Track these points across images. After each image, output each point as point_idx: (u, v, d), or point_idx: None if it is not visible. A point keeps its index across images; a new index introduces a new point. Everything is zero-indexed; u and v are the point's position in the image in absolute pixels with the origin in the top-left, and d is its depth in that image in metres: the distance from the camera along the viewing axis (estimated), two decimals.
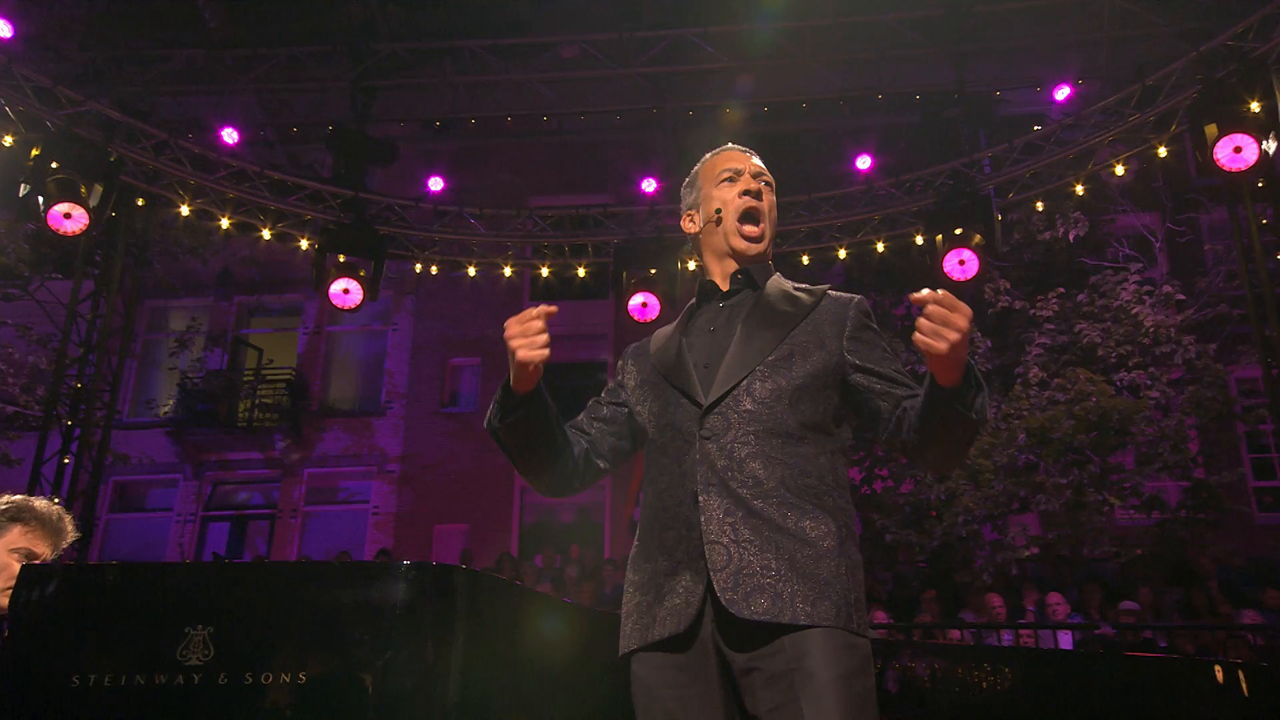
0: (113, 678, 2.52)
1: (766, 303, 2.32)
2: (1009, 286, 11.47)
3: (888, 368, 2.23)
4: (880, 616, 10.57)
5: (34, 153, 8.73)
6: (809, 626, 1.96)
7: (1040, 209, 10.26)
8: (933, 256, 9.21)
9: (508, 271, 10.25)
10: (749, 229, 2.38)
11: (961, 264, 9.10)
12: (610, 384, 2.51)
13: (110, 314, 9.69)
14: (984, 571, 10.54)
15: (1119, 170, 9.45)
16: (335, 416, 17.25)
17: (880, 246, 9.93)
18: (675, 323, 2.48)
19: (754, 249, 2.38)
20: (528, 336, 2.09)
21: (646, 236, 9.64)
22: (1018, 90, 10.33)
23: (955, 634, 10.10)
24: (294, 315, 17.88)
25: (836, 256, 10.04)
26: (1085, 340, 11.30)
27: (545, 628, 3.25)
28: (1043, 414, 10.23)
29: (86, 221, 8.54)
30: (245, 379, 17.19)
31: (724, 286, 2.40)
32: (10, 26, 9.09)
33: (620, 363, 2.52)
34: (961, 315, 1.89)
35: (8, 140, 9.00)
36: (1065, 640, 9.25)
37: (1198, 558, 10.88)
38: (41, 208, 8.55)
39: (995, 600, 9.92)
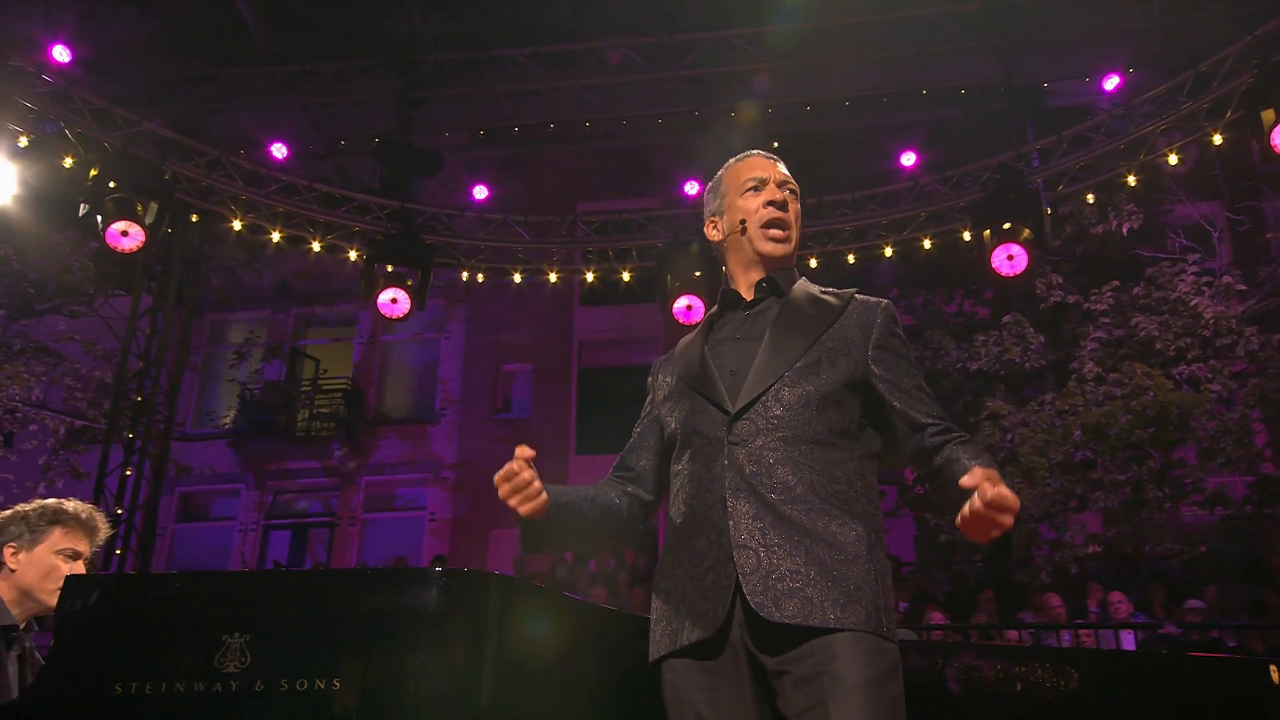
0: (153, 686, 2.56)
1: (794, 309, 2.31)
2: (1061, 281, 11.28)
3: (908, 382, 2.23)
4: (937, 617, 10.44)
5: (92, 173, 8.96)
6: (838, 630, 1.96)
7: (1091, 201, 10.06)
8: (980, 252, 9.08)
9: (553, 278, 10.31)
10: (775, 233, 2.37)
11: (1010, 259, 8.95)
12: (646, 402, 2.52)
13: (167, 328, 9.92)
14: (1041, 571, 10.36)
15: (1172, 160, 9.24)
16: (391, 424, 17.49)
17: (927, 243, 9.81)
18: (696, 331, 2.47)
19: (780, 251, 2.37)
20: (520, 491, 2.15)
21: (690, 239, 9.63)
22: (1065, 81, 10.14)
23: (1013, 634, 9.95)
24: (349, 325, 18.16)
25: (883, 255, 9.93)
26: (1142, 334, 11.06)
27: (579, 633, 3.26)
28: (1099, 409, 10.04)
29: (143, 239, 8.76)
30: (303, 389, 17.49)
31: (748, 295, 2.40)
32: (69, 52, 9.38)
33: (650, 377, 2.52)
34: (1009, 515, 1.88)
35: (68, 162, 9.25)
36: (1128, 640, 9.06)
37: (1267, 555, 10.60)
38: (100, 226, 8.78)
39: (1054, 600, 9.75)
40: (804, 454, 2.12)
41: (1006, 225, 9.08)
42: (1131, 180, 9.39)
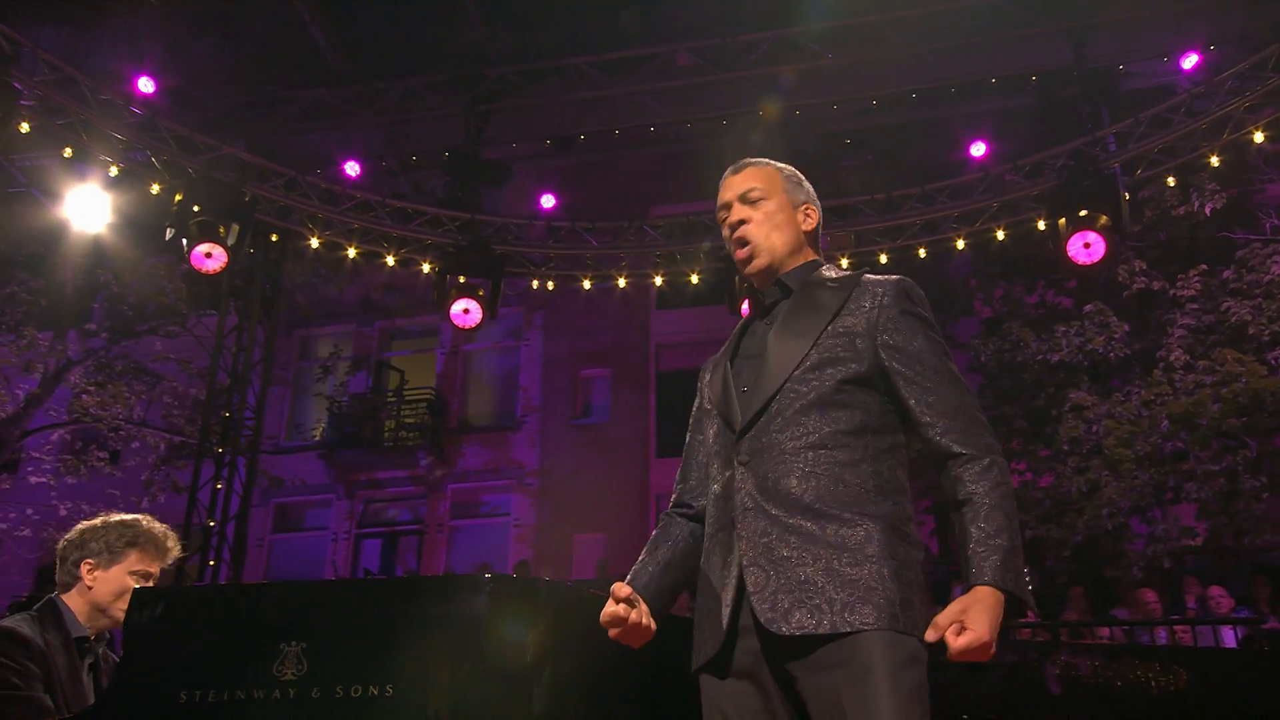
0: (216, 693, 2.66)
1: (794, 312, 2.27)
2: (1145, 267, 10.91)
3: (921, 367, 2.14)
4: (1029, 614, 10.19)
5: (177, 198, 9.29)
6: (850, 633, 1.95)
7: (1172, 184, 9.71)
8: (1056, 241, 8.85)
9: (621, 283, 10.37)
10: (739, 253, 2.38)
11: (1087, 247, 8.71)
12: (694, 407, 2.51)
13: (251, 345, 10.24)
14: (1133, 566, 10.04)
15: (1258, 137, 8.90)
16: (474, 432, 17.76)
17: (1000, 234, 9.60)
18: (730, 338, 2.46)
19: (749, 269, 2.36)
20: (626, 627, 2.16)
21: None
22: (1141, 62, 9.81)
23: (1104, 632, 9.67)
24: (431, 336, 18.49)
25: (954, 247, 9.74)
26: (1233, 319, 10.64)
27: None
28: (1188, 399, 9.68)
29: (225, 260, 9.05)
30: (388, 400, 17.86)
31: (767, 299, 2.39)
32: (153, 83, 9.75)
33: (699, 383, 2.51)
34: (983, 653, 1.93)
35: (155, 188, 9.61)
36: (1228, 637, 8.73)
37: None
38: (185, 249, 9.10)
39: (1149, 595, 9.43)
40: (809, 461, 2.09)
41: (1083, 212, 8.84)
42: (1215, 160, 9.07)
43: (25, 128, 8.97)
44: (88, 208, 10.39)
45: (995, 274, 12.10)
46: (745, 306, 9.50)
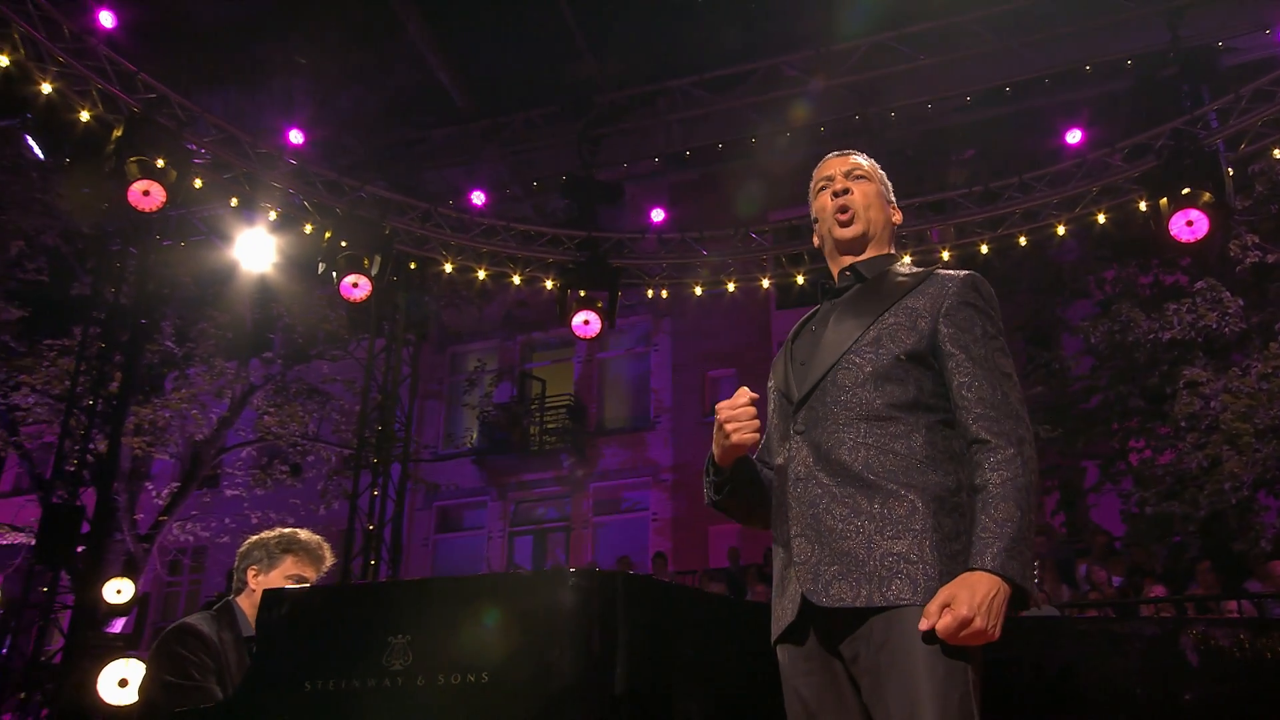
0: (334, 683, 2.73)
1: (865, 292, 2.23)
2: (1258, 240, 10.20)
3: (974, 353, 2.07)
4: (1158, 590, 9.70)
5: (326, 235, 9.75)
6: (889, 607, 1.89)
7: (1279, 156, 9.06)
8: (1157, 221, 8.37)
9: (731, 287, 10.34)
10: (841, 217, 2.30)
11: (1190, 224, 8.21)
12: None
13: (397, 364, 10.65)
14: (1260, 538, 9.39)
15: None
16: (611, 434, 17.98)
17: (1101, 218, 9.15)
18: (795, 326, 2.41)
19: (848, 234, 2.29)
20: (741, 421, 2.11)
21: None
22: (1241, 37, 9.19)
23: (1232, 605, 9.11)
24: (568, 347, 18.80)
25: (1055, 234, 9.33)
26: None
27: (704, 622, 3.27)
28: None
29: (370, 288, 9.45)
30: (532, 407, 18.27)
31: (838, 284, 2.33)
32: (302, 135, 10.26)
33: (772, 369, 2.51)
34: (974, 634, 1.86)
35: (308, 228, 10.10)
36: None
37: None
38: (335, 280, 9.53)
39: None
40: (861, 433, 2.03)
41: (1185, 190, 8.35)
42: None
43: (199, 183, 9.57)
44: (256, 249, 11.01)
45: (1107, 256, 11.52)
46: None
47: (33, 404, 14.60)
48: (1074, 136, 9.20)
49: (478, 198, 10.27)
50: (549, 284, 10.29)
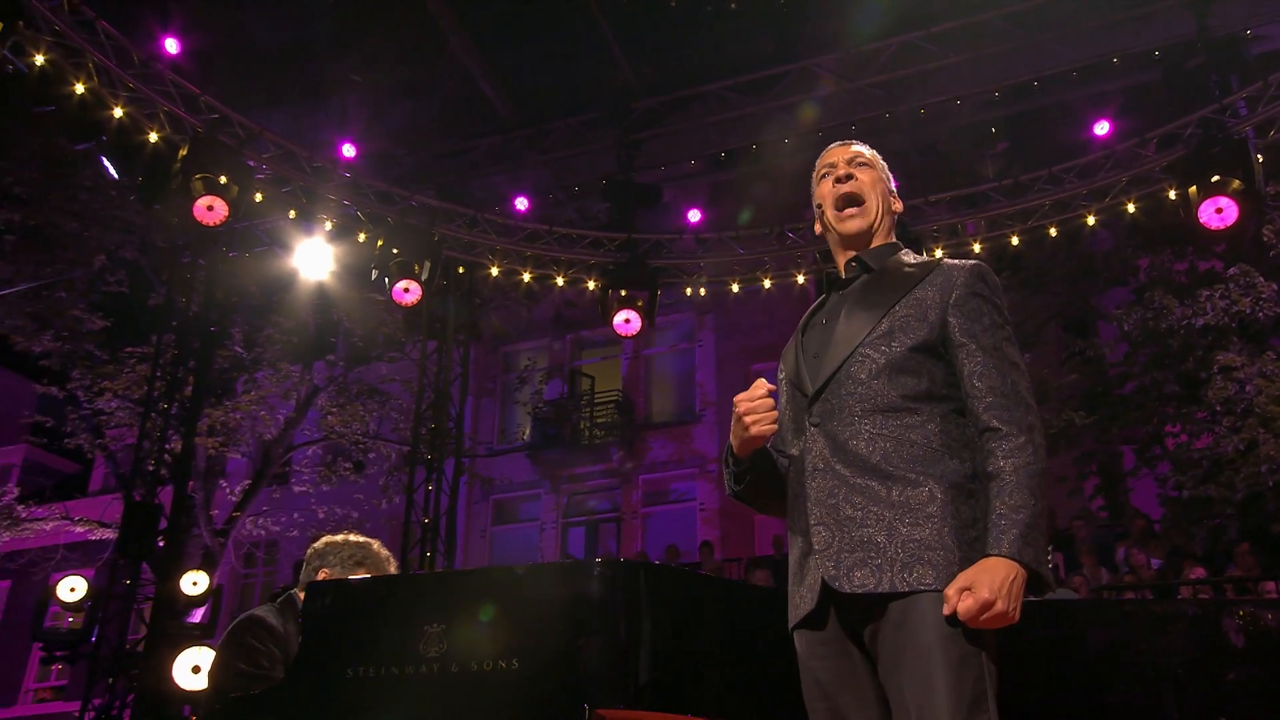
0: (374, 669, 2.82)
1: (873, 283, 2.20)
2: None
3: (984, 342, 2.06)
4: (1198, 572, 9.55)
5: (379, 244, 9.94)
6: (911, 593, 1.89)
7: None
8: (1187, 209, 8.21)
9: (767, 284, 10.35)
10: (848, 210, 2.28)
11: (1219, 212, 8.05)
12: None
13: (448, 365, 10.83)
14: None
15: None
16: (658, 427, 18.07)
17: (1131, 208, 8.98)
18: (804, 318, 2.38)
19: (853, 227, 2.27)
20: (760, 413, 2.11)
21: None
22: (1269, 25, 8.95)
23: (1271, 586, 8.93)
24: (615, 344, 18.84)
25: (1085, 225, 9.18)
26: None
27: (726, 608, 3.30)
28: None
29: (420, 293, 9.62)
30: (582, 403, 18.42)
31: (843, 275, 2.30)
32: (354, 148, 10.46)
33: (780, 361, 2.45)
34: (995, 617, 1.86)
35: (361, 237, 10.30)
36: None
37: None
38: (388, 286, 9.72)
39: None
40: (877, 424, 2.03)
41: (1214, 178, 8.18)
42: None
43: (259, 197, 9.81)
44: (314, 258, 11.26)
45: (1140, 244, 11.31)
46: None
47: (115, 408, 15.09)
48: (1102, 128, 9.05)
49: (521, 203, 10.40)
50: (591, 284, 10.38)
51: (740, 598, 3.57)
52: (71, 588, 9.85)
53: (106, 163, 9.13)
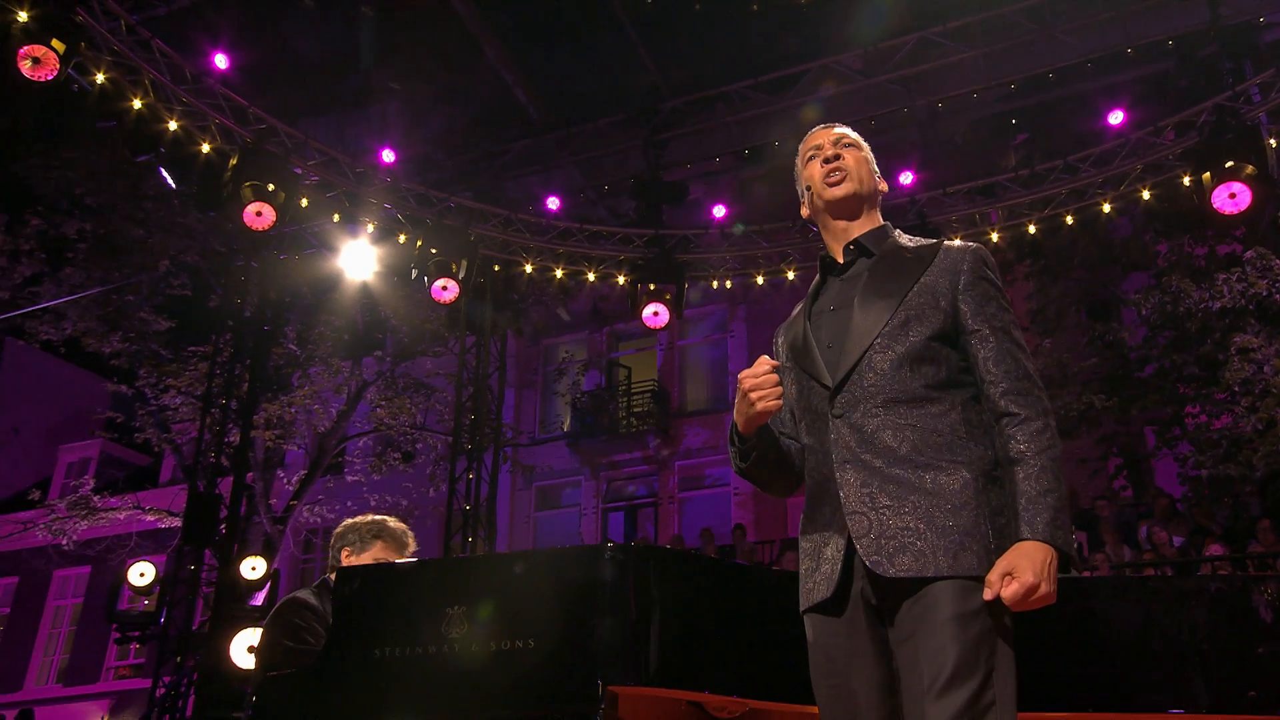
0: (400, 650, 2.90)
1: (880, 271, 2.15)
2: None
3: (996, 324, 2.05)
4: (1216, 549, 9.41)
5: (418, 244, 10.10)
6: (949, 578, 1.89)
7: None
8: (1200, 195, 8.09)
9: (790, 275, 10.36)
10: (832, 178, 2.22)
11: (1232, 197, 7.92)
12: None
13: (486, 358, 10.98)
14: None
15: None
16: (693, 415, 18.12)
17: (1146, 194, 8.86)
18: (803, 300, 2.34)
19: (839, 193, 2.21)
20: (765, 389, 2.06)
21: (909, 224, 9.31)
22: None
23: None
24: (650, 336, 18.93)
25: (1101, 213, 9.07)
26: None
27: (736, 590, 3.34)
28: None
29: (457, 290, 9.76)
30: (619, 393, 18.53)
31: (841, 260, 2.24)
32: (394, 153, 10.63)
33: (774, 343, 2.42)
34: (1042, 598, 1.87)
35: (401, 238, 10.47)
36: None
37: None
38: (427, 285, 9.88)
39: None
40: (903, 415, 2.01)
41: (1228, 164, 8.04)
42: None
43: (305, 202, 10.01)
44: (359, 259, 11.46)
45: (1158, 230, 11.13)
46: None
47: (179, 404, 15.48)
48: (1117, 117, 8.93)
49: (553, 203, 10.51)
50: (621, 279, 10.46)
51: (749, 581, 3.59)
52: (141, 573, 10.18)
53: (164, 173, 9.38)
